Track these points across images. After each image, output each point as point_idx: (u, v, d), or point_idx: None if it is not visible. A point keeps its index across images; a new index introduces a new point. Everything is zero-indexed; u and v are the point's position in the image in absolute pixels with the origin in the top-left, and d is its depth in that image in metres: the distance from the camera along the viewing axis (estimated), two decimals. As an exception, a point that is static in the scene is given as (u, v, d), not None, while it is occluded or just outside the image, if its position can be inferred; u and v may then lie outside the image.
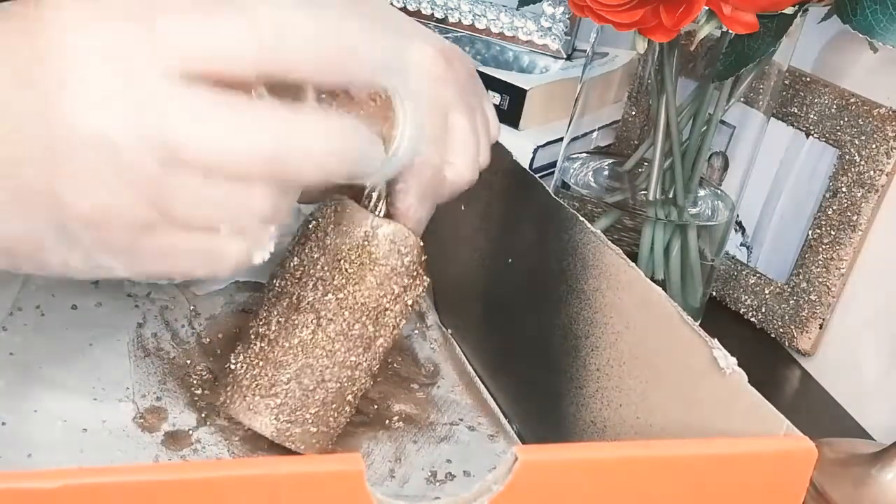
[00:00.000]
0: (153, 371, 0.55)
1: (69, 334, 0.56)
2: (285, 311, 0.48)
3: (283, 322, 0.48)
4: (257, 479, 0.31)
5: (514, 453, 0.33)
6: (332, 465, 0.32)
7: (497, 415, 0.56)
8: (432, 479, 0.51)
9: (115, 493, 0.30)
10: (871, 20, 0.55)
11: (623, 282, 0.46)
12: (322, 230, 0.49)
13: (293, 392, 0.47)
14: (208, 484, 0.31)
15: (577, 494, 0.34)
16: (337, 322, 0.47)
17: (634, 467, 0.35)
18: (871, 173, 0.66)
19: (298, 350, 0.47)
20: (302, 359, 0.47)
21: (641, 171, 0.67)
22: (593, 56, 0.67)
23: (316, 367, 0.48)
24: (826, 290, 0.69)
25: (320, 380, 0.48)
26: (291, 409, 0.48)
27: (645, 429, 0.44)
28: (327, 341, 0.47)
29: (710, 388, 0.40)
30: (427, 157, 0.48)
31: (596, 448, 0.40)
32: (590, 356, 0.48)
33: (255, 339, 0.49)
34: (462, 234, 0.57)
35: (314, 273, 0.48)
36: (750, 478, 0.36)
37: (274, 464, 0.32)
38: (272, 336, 0.48)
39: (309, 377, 0.48)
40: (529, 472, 0.33)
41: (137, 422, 0.51)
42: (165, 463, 0.48)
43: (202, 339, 0.58)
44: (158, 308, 0.60)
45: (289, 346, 0.48)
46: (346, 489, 0.32)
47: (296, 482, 0.31)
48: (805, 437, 0.36)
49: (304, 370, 0.47)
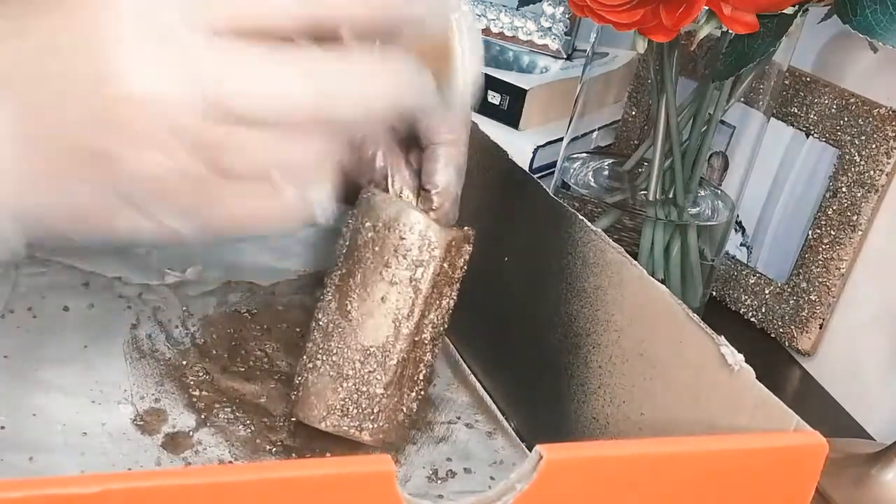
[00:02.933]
0: (150, 372, 0.55)
1: (63, 336, 0.56)
2: (336, 314, 0.49)
3: (335, 325, 0.49)
4: (292, 481, 0.31)
5: (538, 452, 0.33)
6: (364, 466, 0.32)
7: (494, 412, 0.56)
8: (434, 476, 0.51)
9: (153, 497, 0.30)
10: (871, 20, 0.55)
11: (625, 279, 0.46)
12: (356, 230, 0.49)
13: (354, 389, 0.48)
14: (243, 487, 0.31)
15: (601, 492, 0.34)
16: (380, 317, 0.48)
17: (655, 464, 0.35)
18: (871, 173, 0.66)
19: (346, 347, 0.48)
20: (349, 354, 0.48)
21: (641, 171, 0.67)
22: (593, 56, 0.67)
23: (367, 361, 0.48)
24: (826, 290, 0.69)
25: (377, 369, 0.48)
26: (356, 405, 0.48)
27: (649, 425, 0.44)
28: (378, 335, 0.48)
29: (717, 384, 0.40)
30: (459, 134, 0.48)
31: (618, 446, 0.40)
32: (591, 353, 0.48)
33: (311, 343, 0.50)
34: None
35: (356, 273, 0.48)
36: (762, 474, 0.36)
37: (307, 466, 0.32)
38: (325, 339, 0.49)
39: (363, 371, 0.48)
40: (554, 471, 0.33)
41: (137, 424, 0.51)
42: (203, 466, 0.48)
43: (196, 340, 0.58)
44: (151, 309, 0.60)
45: (342, 347, 0.48)
46: (377, 490, 0.32)
47: (327, 483, 0.31)
48: (815, 433, 0.36)
49: (353, 363, 0.48)
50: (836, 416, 0.67)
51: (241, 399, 0.54)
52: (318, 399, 0.49)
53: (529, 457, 0.33)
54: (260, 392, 0.55)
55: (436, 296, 0.49)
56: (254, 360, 0.57)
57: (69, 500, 0.29)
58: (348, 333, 0.49)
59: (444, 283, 0.49)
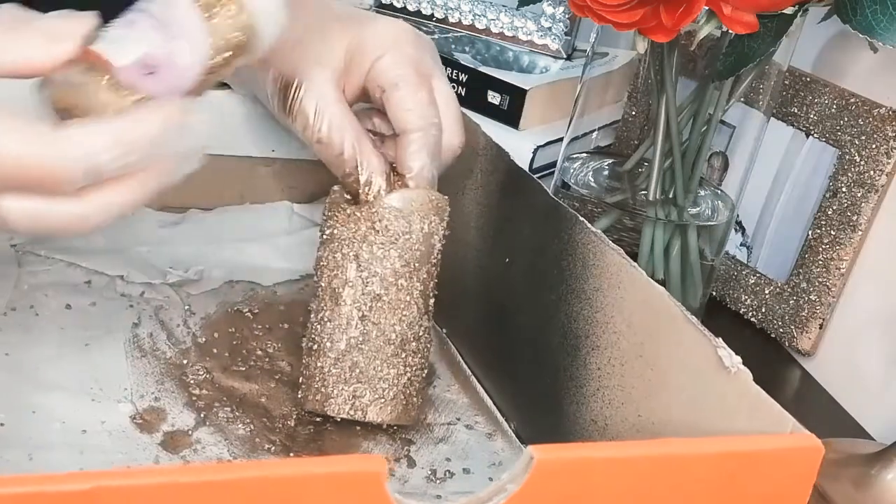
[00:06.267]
0: (150, 371, 0.55)
1: (64, 335, 0.56)
2: (329, 306, 0.51)
3: (329, 316, 0.51)
4: (282, 480, 0.31)
5: (529, 453, 0.33)
6: (353, 465, 0.33)
7: (494, 413, 0.56)
8: (432, 476, 0.51)
9: (145, 494, 0.30)
10: (871, 20, 0.55)
11: (624, 281, 0.46)
12: (331, 228, 0.52)
13: (358, 373, 0.51)
14: (232, 485, 0.31)
15: (592, 494, 0.34)
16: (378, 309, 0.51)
17: (649, 466, 0.35)
18: (871, 173, 0.66)
19: (351, 337, 0.51)
20: (354, 341, 0.51)
21: (641, 171, 0.66)
22: (593, 56, 0.67)
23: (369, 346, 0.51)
24: (826, 290, 0.69)
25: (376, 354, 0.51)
26: (364, 388, 0.51)
27: (647, 427, 0.44)
28: (375, 322, 0.51)
29: (714, 386, 0.40)
30: (428, 118, 0.51)
31: (611, 447, 0.40)
32: (590, 355, 0.48)
33: (309, 340, 0.52)
34: (459, 234, 0.57)
35: (334, 265, 0.51)
36: (759, 475, 0.36)
37: (296, 465, 0.33)
38: (324, 333, 0.51)
39: (366, 355, 0.51)
40: (545, 472, 0.33)
41: (136, 422, 0.51)
42: (194, 465, 0.48)
43: (198, 339, 0.58)
44: (153, 308, 0.60)
45: (343, 336, 0.51)
46: (366, 489, 0.32)
47: (316, 482, 0.31)
48: (811, 435, 0.36)
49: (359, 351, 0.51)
50: (835, 416, 0.67)
51: (242, 398, 0.54)
52: (321, 384, 0.51)
53: (521, 458, 0.33)
54: (260, 391, 0.55)
55: (419, 262, 0.51)
56: (255, 359, 0.57)
57: (61, 498, 0.29)
58: (340, 315, 0.51)
59: (422, 249, 0.51)
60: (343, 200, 0.52)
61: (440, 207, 0.52)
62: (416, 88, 0.52)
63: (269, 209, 0.69)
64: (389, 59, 0.52)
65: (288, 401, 0.54)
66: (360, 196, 0.51)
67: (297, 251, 0.66)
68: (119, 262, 0.62)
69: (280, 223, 0.68)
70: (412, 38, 0.54)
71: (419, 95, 0.52)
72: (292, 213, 0.69)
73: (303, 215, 0.69)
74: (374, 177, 0.51)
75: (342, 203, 0.52)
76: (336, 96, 0.53)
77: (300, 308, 0.62)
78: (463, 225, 0.60)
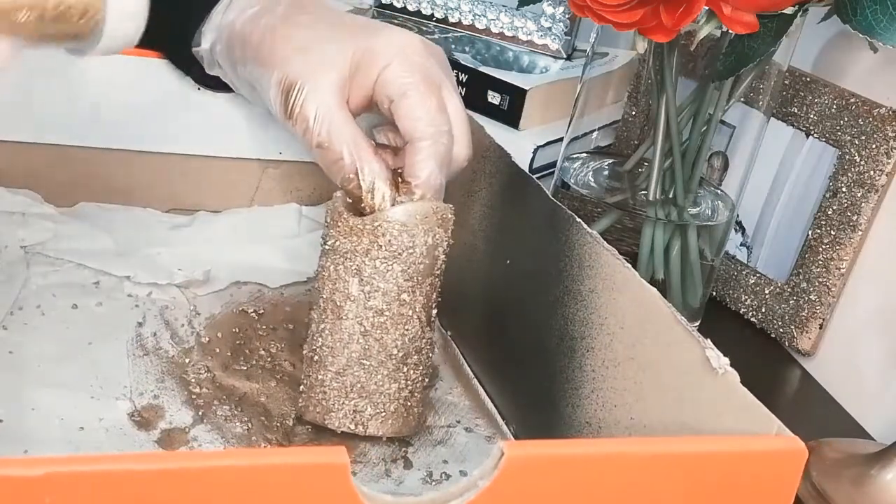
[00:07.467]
0: (151, 369, 0.55)
1: (69, 333, 0.56)
2: (330, 318, 0.51)
3: (331, 329, 0.51)
4: (243, 469, 0.31)
5: (500, 448, 0.33)
6: (318, 457, 0.33)
7: (494, 416, 0.56)
8: (428, 478, 0.51)
9: (98, 481, 0.30)
10: (871, 20, 0.55)
11: (618, 282, 0.46)
12: (333, 239, 0.51)
13: (360, 388, 0.50)
14: (192, 474, 0.31)
15: (564, 490, 0.34)
16: (380, 320, 0.50)
17: (623, 464, 0.34)
18: (871, 173, 0.66)
19: (353, 350, 0.50)
20: (356, 357, 0.50)
21: (641, 171, 0.66)
22: (593, 56, 0.67)
23: (370, 361, 0.50)
24: (826, 290, 0.69)
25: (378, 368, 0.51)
26: (365, 403, 0.50)
27: (639, 429, 0.44)
28: (376, 333, 0.50)
29: (702, 387, 0.40)
30: (438, 126, 0.51)
31: (583, 444, 0.40)
32: (585, 357, 0.48)
33: (310, 349, 0.52)
34: (460, 237, 0.57)
35: (335, 278, 0.51)
36: (740, 476, 0.36)
37: (260, 455, 0.32)
38: (325, 346, 0.51)
39: (367, 370, 0.50)
40: (516, 468, 0.33)
41: (134, 419, 0.51)
42: (150, 452, 0.48)
43: (201, 339, 0.58)
44: (159, 308, 0.60)
45: (345, 351, 0.50)
46: (331, 482, 0.32)
47: (282, 473, 0.31)
48: (796, 438, 0.36)
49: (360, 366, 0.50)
50: (835, 416, 0.67)
51: (242, 397, 0.54)
52: (322, 396, 0.51)
53: (492, 454, 0.33)
54: (261, 390, 0.55)
55: (421, 276, 0.50)
56: (257, 358, 0.57)
57: (12, 482, 0.29)
58: (341, 329, 0.50)
59: (426, 262, 0.50)
60: (345, 208, 0.51)
61: (445, 219, 0.51)
62: (425, 96, 0.51)
63: (278, 211, 0.69)
64: (397, 68, 0.51)
65: (288, 400, 0.54)
66: (363, 202, 0.50)
67: (305, 253, 0.66)
68: (128, 264, 0.62)
69: (288, 225, 0.68)
70: (421, 48, 0.53)
71: (428, 103, 0.51)
72: (300, 215, 0.69)
73: (311, 217, 0.69)
74: (377, 182, 0.50)
75: (344, 212, 0.51)
76: (337, 102, 0.52)
77: (306, 309, 0.62)
78: (467, 227, 0.60)
